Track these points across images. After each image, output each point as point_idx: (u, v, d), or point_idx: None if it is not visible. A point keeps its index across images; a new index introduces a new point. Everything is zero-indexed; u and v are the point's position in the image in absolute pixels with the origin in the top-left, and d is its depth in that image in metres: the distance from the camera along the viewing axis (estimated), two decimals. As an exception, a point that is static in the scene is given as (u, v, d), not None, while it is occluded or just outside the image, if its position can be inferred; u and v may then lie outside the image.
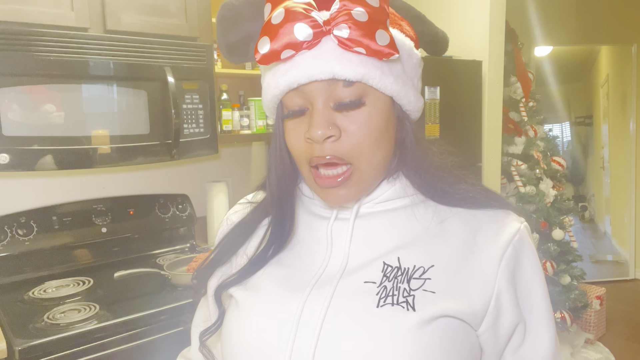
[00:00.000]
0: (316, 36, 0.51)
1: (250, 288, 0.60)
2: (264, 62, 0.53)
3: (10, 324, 1.29)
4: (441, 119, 2.11)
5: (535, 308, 0.58)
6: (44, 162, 1.38)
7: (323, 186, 0.56)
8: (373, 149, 0.55)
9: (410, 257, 0.56)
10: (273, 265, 0.62)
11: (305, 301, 0.56)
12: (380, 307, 0.53)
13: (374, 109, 0.54)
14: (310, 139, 0.54)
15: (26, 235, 1.64)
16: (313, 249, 0.61)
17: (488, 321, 0.55)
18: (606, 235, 4.35)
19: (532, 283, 0.58)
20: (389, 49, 0.51)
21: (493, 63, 2.34)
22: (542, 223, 2.67)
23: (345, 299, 0.55)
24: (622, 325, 3.27)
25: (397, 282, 0.54)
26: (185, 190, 2.09)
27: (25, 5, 1.37)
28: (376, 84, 0.53)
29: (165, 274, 1.57)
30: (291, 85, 0.54)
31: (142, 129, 1.57)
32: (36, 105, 1.37)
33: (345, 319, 0.53)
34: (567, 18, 3.94)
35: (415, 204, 0.60)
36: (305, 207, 0.66)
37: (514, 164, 2.74)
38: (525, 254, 0.58)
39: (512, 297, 0.56)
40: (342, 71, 0.51)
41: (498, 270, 0.55)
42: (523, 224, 0.59)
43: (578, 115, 4.47)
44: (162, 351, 1.35)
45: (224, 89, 2.02)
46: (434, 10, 2.45)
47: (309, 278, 0.58)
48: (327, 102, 0.54)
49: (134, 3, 1.57)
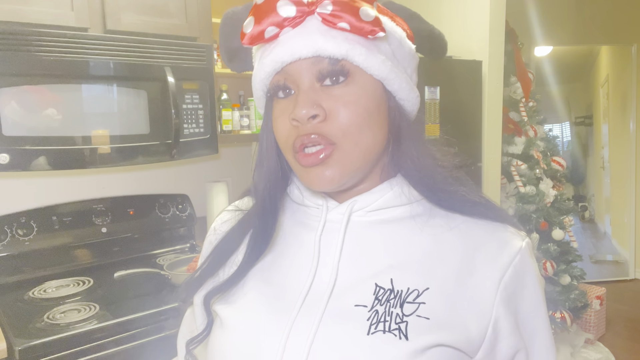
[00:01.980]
0: (299, 13, 0.50)
1: (235, 307, 0.57)
2: (250, 42, 0.52)
3: (10, 324, 1.29)
4: (441, 119, 2.11)
5: (538, 334, 0.55)
6: (44, 162, 1.38)
7: (306, 165, 0.52)
8: (361, 129, 0.51)
9: (404, 278, 0.53)
10: (259, 282, 0.58)
11: (292, 325, 0.52)
12: (372, 334, 0.50)
13: (361, 89, 0.52)
14: (295, 120, 0.51)
15: (26, 235, 1.64)
16: (301, 264, 0.57)
17: (485, 349, 0.52)
18: (606, 235, 4.35)
19: (534, 307, 0.55)
20: (373, 26, 0.50)
21: (493, 63, 2.33)
22: (542, 223, 2.67)
23: (334, 325, 0.51)
24: (622, 325, 3.27)
25: (390, 306, 0.51)
26: (185, 190, 2.08)
27: (25, 5, 1.37)
28: (362, 61, 0.51)
29: (165, 274, 1.57)
30: (275, 64, 0.52)
31: (142, 129, 1.57)
32: (36, 105, 1.37)
33: (335, 347, 0.50)
34: (567, 18, 3.94)
35: (412, 215, 0.57)
36: (294, 216, 0.62)
37: (514, 164, 2.74)
38: (526, 277, 0.54)
39: (510, 322, 0.52)
40: (325, 45, 0.50)
41: (496, 295, 0.52)
42: (525, 242, 0.56)
43: (578, 115, 4.47)
44: (162, 351, 1.35)
45: (224, 89, 2.02)
46: (434, 10, 2.45)
47: (296, 297, 0.54)
48: (313, 82, 0.52)
49: (134, 3, 1.57)
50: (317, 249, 0.56)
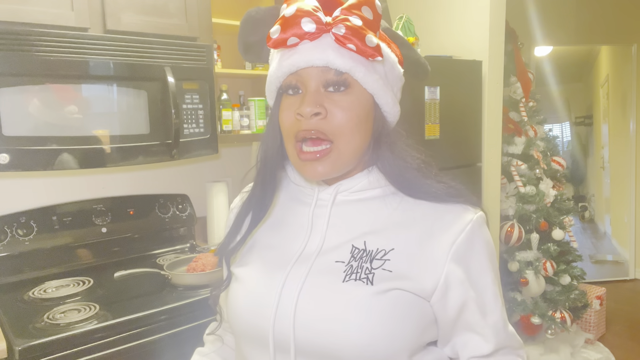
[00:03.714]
0: (318, 31, 0.63)
1: (246, 266, 0.75)
2: (274, 46, 0.64)
3: (10, 324, 1.29)
4: (441, 119, 2.11)
5: (488, 289, 0.68)
6: (43, 162, 1.38)
7: (304, 159, 0.66)
8: (353, 132, 0.65)
9: (375, 241, 0.68)
10: (263, 247, 0.75)
11: (287, 276, 0.69)
12: (345, 281, 0.65)
13: (357, 99, 0.66)
14: (300, 114, 0.64)
15: (26, 235, 1.64)
16: (296, 232, 0.73)
17: (437, 295, 0.66)
18: (606, 235, 4.35)
19: (482, 267, 0.68)
20: (374, 51, 0.63)
21: (493, 63, 2.33)
22: (542, 223, 2.67)
23: (318, 275, 0.67)
24: (622, 325, 3.27)
25: (362, 262, 0.66)
26: (185, 190, 2.09)
27: (25, 5, 1.37)
28: (361, 77, 0.65)
29: (165, 274, 1.57)
30: (291, 67, 0.65)
31: (142, 129, 1.57)
32: (36, 105, 1.37)
33: (317, 291, 0.66)
34: (567, 18, 3.94)
35: (385, 195, 0.71)
36: (292, 194, 0.78)
37: (514, 164, 2.74)
38: (475, 242, 0.67)
39: (459, 276, 0.66)
40: (335, 60, 0.63)
41: (448, 254, 0.65)
42: (477, 215, 0.69)
43: (578, 115, 4.47)
44: (162, 351, 1.35)
45: (224, 89, 2.02)
46: (434, 10, 2.45)
47: (291, 256, 0.71)
48: (319, 86, 0.65)
49: (134, 3, 1.57)
50: (311, 220, 0.72)
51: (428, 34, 2.40)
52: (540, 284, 2.63)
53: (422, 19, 2.43)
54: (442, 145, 2.10)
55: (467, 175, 2.25)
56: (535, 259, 2.66)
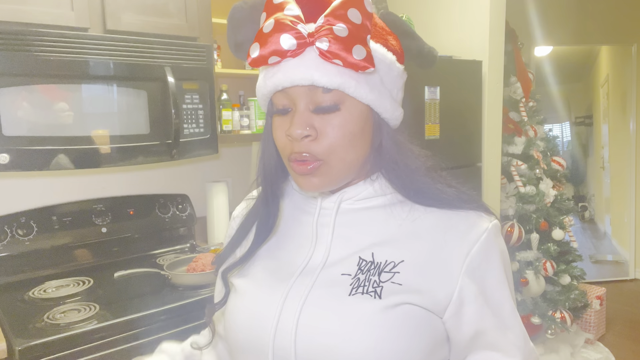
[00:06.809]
0: (300, 46, 0.58)
1: (247, 277, 0.71)
2: (254, 65, 0.61)
3: (10, 324, 1.29)
4: (441, 119, 2.11)
5: (506, 304, 0.63)
6: (43, 162, 1.38)
7: (297, 172, 0.63)
8: (346, 150, 0.61)
9: (384, 252, 0.63)
10: (266, 258, 0.71)
11: (289, 289, 0.65)
12: (352, 295, 0.61)
13: (349, 115, 0.61)
14: (290, 136, 0.61)
15: (26, 235, 1.64)
16: (301, 243, 0.69)
17: (451, 310, 0.61)
18: (606, 235, 4.35)
19: (498, 280, 0.63)
20: (365, 63, 0.57)
21: (493, 63, 2.33)
22: (542, 223, 2.67)
23: (323, 288, 0.63)
24: (622, 325, 3.27)
25: (370, 274, 0.62)
26: (185, 190, 2.09)
27: (25, 5, 1.37)
28: (352, 92, 0.59)
29: (165, 274, 1.57)
30: (276, 87, 0.61)
31: (142, 129, 1.57)
32: (36, 105, 1.37)
33: (322, 305, 0.62)
34: (567, 18, 3.94)
35: (392, 203, 0.67)
36: (294, 202, 0.74)
37: (514, 164, 2.74)
38: (491, 254, 0.63)
39: (474, 291, 0.61)
40: (320, 79, 0.58)
41: (463, 266, 0.61)
42: (492, 223, 0.64)
43: (578, 115, 4.47)
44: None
45: (224, 89, 2.02)
46: (434, 10, 2.45)
47: (294, 269, 0.67)
48: (308, 105, 0.61)
49: (134, 3, 1.57)
50: (315, 230, 0.68)
51: (428, 34, 2.40)
52: (540, 284, 2.64)
53: (422, 19, 2.43)
54: (442, 145, 2.10)
55: (467, 175, 2.25)
56: (535, 259, 2.66)
